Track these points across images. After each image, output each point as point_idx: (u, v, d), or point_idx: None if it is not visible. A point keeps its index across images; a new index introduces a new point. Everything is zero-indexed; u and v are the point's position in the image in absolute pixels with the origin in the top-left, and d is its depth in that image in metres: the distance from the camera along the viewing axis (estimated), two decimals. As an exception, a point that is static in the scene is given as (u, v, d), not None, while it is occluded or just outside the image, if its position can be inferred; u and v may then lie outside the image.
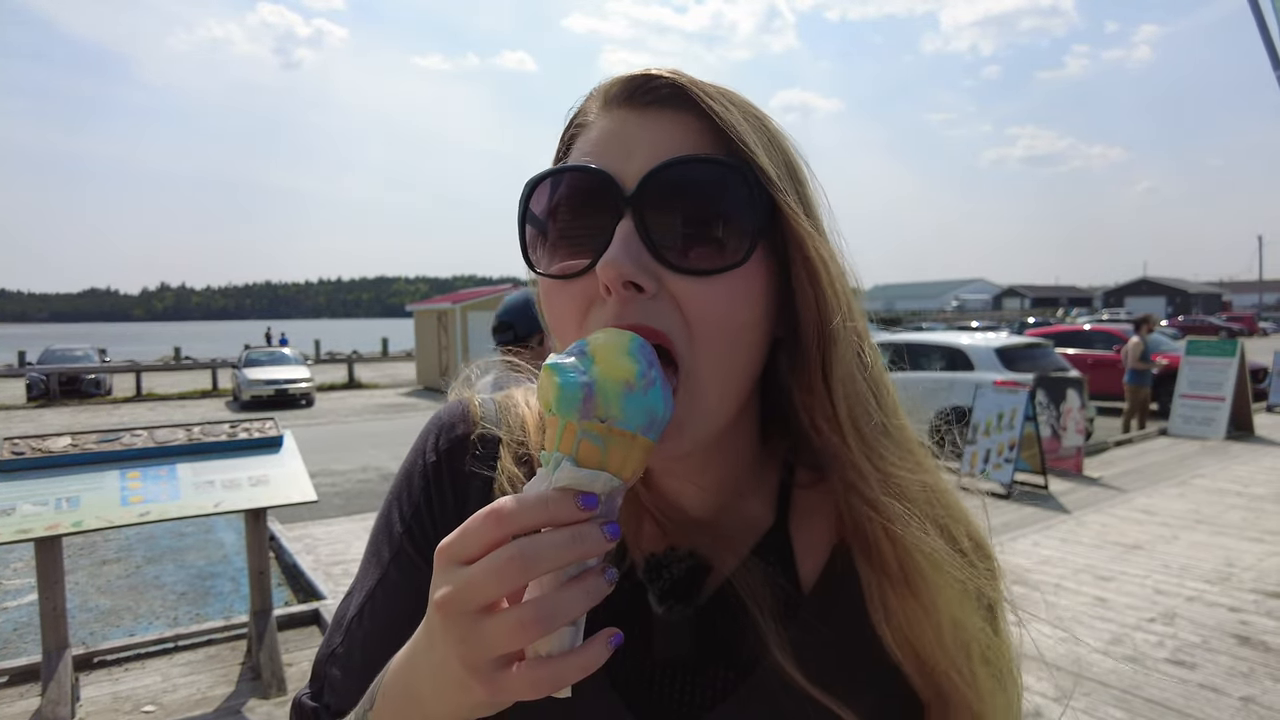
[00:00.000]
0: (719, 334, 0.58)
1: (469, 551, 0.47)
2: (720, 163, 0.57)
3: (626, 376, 0.52)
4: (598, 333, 0.55)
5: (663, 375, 0.54)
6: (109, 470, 4.34)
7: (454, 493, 0.72)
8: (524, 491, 0.50)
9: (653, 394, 0.53)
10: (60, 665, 4.01)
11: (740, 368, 0.60)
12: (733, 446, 0.68)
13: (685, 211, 0.57)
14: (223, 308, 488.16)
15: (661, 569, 0.64)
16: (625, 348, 0.53)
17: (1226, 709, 3.92)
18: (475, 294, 24.56)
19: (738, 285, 0.58)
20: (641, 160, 0.58)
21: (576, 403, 0.51)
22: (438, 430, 0.75)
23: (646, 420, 0.53)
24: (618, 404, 0.52)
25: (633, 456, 0.53)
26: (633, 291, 0.56)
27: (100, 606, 6.31)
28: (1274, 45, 3.70)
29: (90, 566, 7.31)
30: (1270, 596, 5.39)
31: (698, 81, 0.60)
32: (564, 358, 0.53)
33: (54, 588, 4.06)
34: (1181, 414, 11.82)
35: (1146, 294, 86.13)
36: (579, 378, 0.52)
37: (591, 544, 0.47)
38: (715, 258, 0.57)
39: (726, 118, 0.58)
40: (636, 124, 0.60)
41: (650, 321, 0.56)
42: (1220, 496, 8.07)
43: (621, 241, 0.56)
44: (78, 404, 22.38)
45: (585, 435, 0.51)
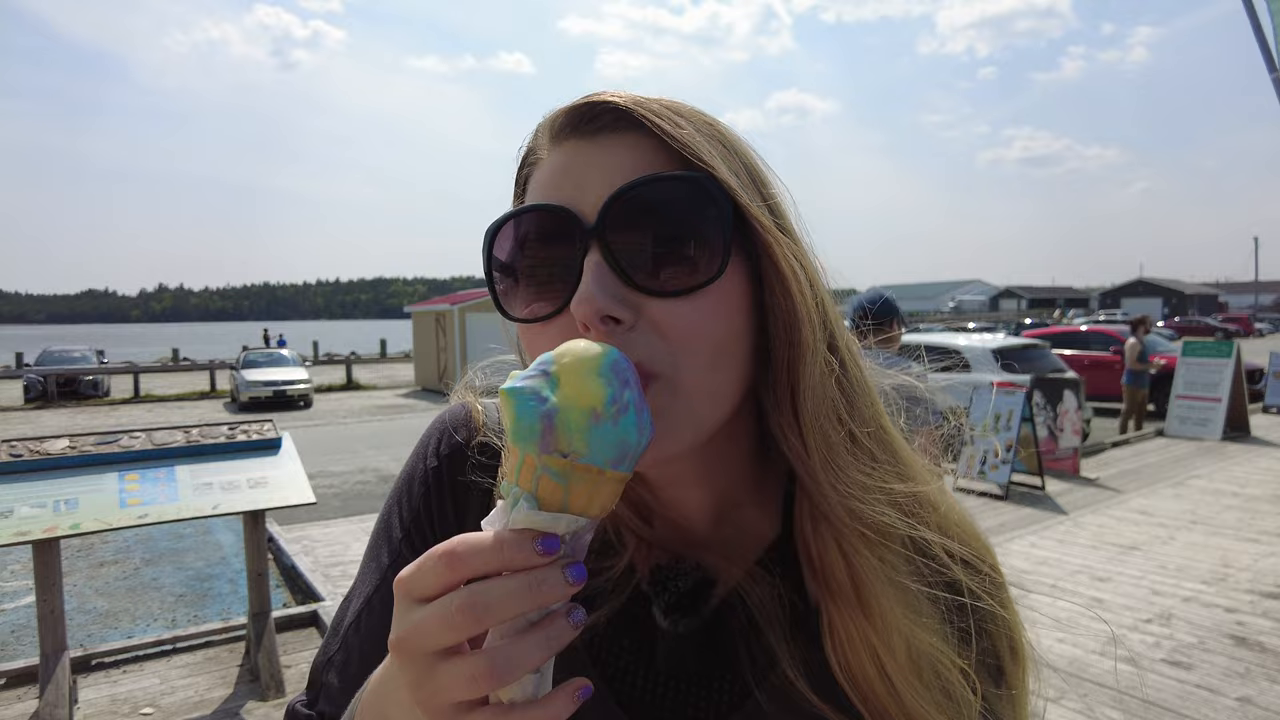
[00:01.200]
0: (702, 351, 0.56)
1: (424, 590, 0.45)
2: (679, 178, 0.56)
3: (593, 404, 0.47)
4: (568, 344, 0.50)
5: (640, 395, 0.50)
6: (107, 472, 4.33)
7: (454, 499, 0.72)
8: (484, 524, 0.47)
9: (625, 422, 0.48)
10: (58, 667, 4.01)
11: (727, 379, 0.59)
12: (732, 455, 0.67)
13: (651, 233, 0.56)
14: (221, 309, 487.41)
15: (667, 581, 0.64)
16: (595, 366, 0.48)
17: (1223, 709, 3.93)
18: (473, 295, 24.55)
19: (716, 300, 0.56)
20: (597, 189, 0.56)
21: (534, 435, 0.46)
22: (439, 434, 0.75)
23: (616, 453, 0.47)
24: (582, 437, 0.46)
25: (601, 493, 0.48)
26: (611, 325, 0.54)
27: (98, 608, 6.30)
28: (1269, 48, 3.72)
29: (88, 568, 7.30)
30: (1266, 597, 5.40)
31: (642, 100, 0.59)
32: (524, 379, 0.48)
33: (52, 590, 4.06)
34: (1178, 415, 11.84)
35: (1143, 295, 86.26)
36: (538, 406, 0.47)
37: (551, 591, 0.44)
38: (689, 275, 0.55)
39: (677, 134, 0.57)
40: (587, 153, 0.58)
41: (631, 352, 0.53)
42: (1216, 497, 8.09)
43: (592, 275, 0.54)
44: (75, 405, 22.34)
45: (546, 471, 0.46)
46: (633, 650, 0.65)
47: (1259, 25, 3.72)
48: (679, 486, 0.66)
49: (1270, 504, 7.77)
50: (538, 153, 0.63)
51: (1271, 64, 3.72)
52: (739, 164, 0.60)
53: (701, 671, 0.64)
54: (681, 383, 0.56)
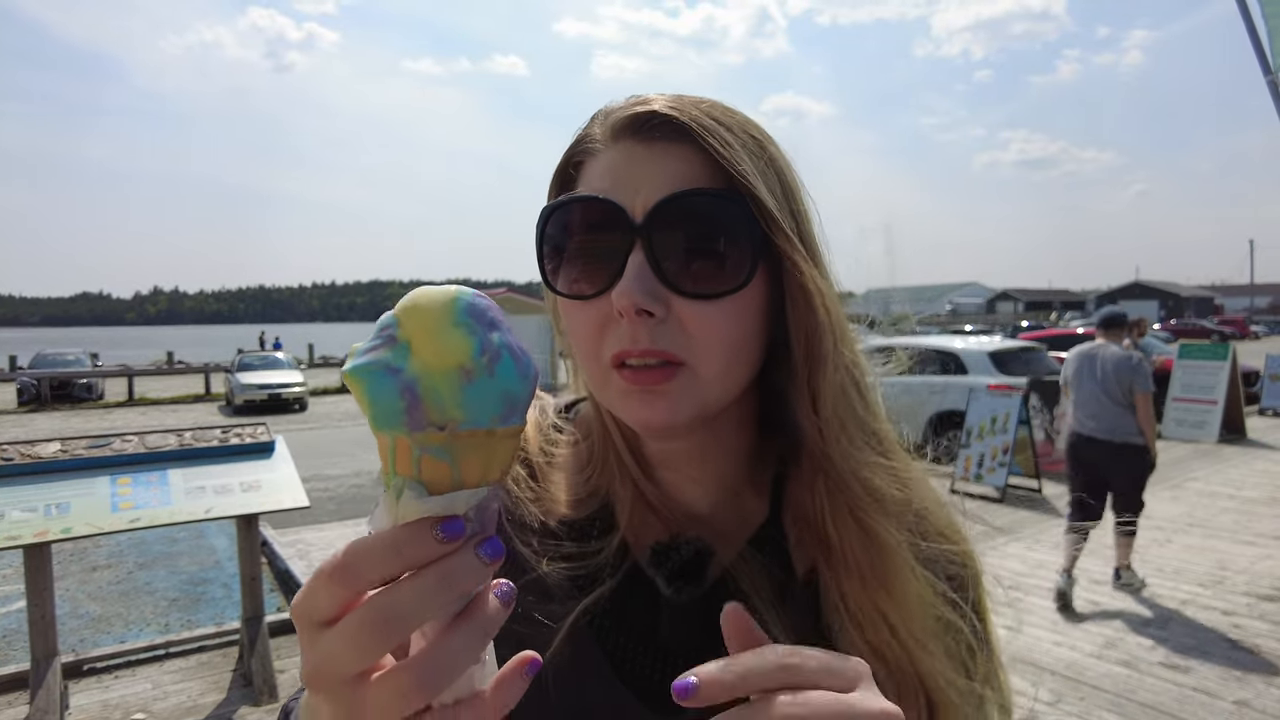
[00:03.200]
0: (721, 348, 0.63)
1: (323, 614, 0.41)
2: (720, 195, 0.62)
3: (460, 360, 0.41)
4: (411, 296, 0.44)
5: (508, 331, 0.44)
6: (99, 476, 4.31)
7: None
8: (368, 524, 0.43)
9: (502, 369, 0.42)
10: (49, 673, 3.98)
11: (739, 372, 0.66)
12: (729, 441, 0.72)
13: (689, 240, 0.62)
14: (216, 312, 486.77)
15: (669, 553, 0.67)
16: (449, 316, 0.42)
17: (1220, 713, 3.92)
18: (469, 298, 24.56)
19: (738, 305, 0.63)
20: (648, 193, 0.62)
21: (399, 415, 0.40)
22: None
23: (504, 406, 0.42)
24: (455, 401, 0.41)
25: (497, 455, 0.43)
26: (645, 317, 0.60)
27: (90, 613, 6.26)
28: (1264, 51, 3.72)
29: (80, 572, 7.25)
30: (1263, 600, 5.40)
31: (699, 115, 0.64)
32: (367, 352, 0.42)
33: (43, 594, 4.03)
34: (1174, 417, 11.86)
35: (1139, 297, 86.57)
36: (393, 380, 0.41)
37: (466, 577, 0.41)
38: (717, 282, 0.62)
39: (726, 153, 0.62)
40: (642, 157, 0.64)
41: (660, 343, 0.61)
42: (1213, 500, 8.10)
43: (634, 271, 0.60)
44: (69, 409, 22.26)
45: (425, 451, 0.41)
46: (635, 628, 0.67)
47: (1254, 28, 3.72)
48: (679, 469, 0.72)
49: (1266, 507, 7.78)
50: (593, 141, 0.68)
51: (1266, 67, 3.73)
52: (775, 181, 0.65)
53: (703, 645, 0.65)
54: (700, 373, 0.63)
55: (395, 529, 0.41)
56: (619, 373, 0.63)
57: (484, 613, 0.42)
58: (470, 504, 0.42)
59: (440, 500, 0.41)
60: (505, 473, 0.45)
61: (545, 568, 0.67)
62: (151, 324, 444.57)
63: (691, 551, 0.66)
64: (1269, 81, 3.76)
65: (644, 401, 0.63)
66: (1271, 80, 3.75)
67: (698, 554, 0.66)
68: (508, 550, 0.68)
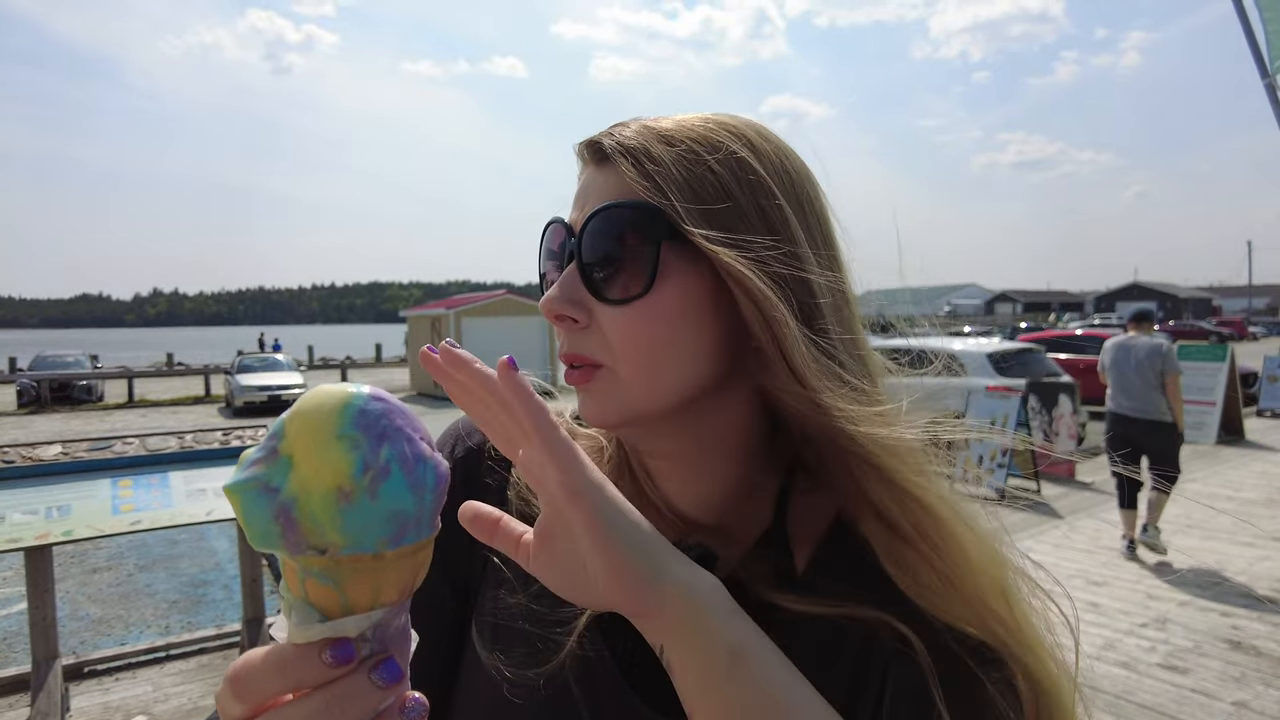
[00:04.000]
0: (635, 350, 0.64)
1: (230, 718, 0.41)
2: (624, 206, 0.65)
3: (338, 480, 0.38)
4: (305, 398, 0.41)
5: (411, 441, 0.41)
6: (100, 478, 4.31)
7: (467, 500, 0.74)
8: (273, 633, 0.42)
9: (388, 490, 0.39)
10: (50, 675, 3.98)
11: (669, 375, 0.65)
12: (728, 450, 0.72)
13: (605, 249, 0.65)
14: (216, 313, 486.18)
15: None
16: (333, 428, 0.39)
17: (1219, 714, 3.93)
18: (469, 299, 24.54)
19: (653, 309, 0.64)
20: (589, 210, 0.66)
21: (274, 538, 0.38)
22: (454, 439, 0.80)
23: (392, 529, 0.39)
24: (333, 525, 0.38)
25: (390, 577, 0.40)
26: (569, 323, 0.65)
27: (91, 615, 6.27)
28: (1261, 52, 3.73)
29: (81, 575, 7.26)
30: (1262, 600, 5.41)
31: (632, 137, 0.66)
32: (250, 465, 0.39)
33: (44, 597, 4.03)
34: (1173, 418, 11.86)
35: (1137, 299, 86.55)
36: (268, 501, 0.38)
37: (355, 704, 0.39)
38: (624, 289, 0.64)
39: (638, 170, 0.65)
40: (593, 178, 0.69)
41: (581, 349, 0.65)
42: (1211, 501, 8.12)
43: (561, 280, 0.65)
44: (69, 411, 22.24)
45: (308, 574, 0.39)
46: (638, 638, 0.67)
47: (1251, 30, 3.73)
48: (675, 473, 0.72)
49: (1265, 508, 7.80)
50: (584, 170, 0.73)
51: (1263, 68, 3.74)
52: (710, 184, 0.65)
53: None
54: (620, 374, 0.64)
55: (285, 648, 0.40)
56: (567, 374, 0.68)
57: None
58: (363, 627, 0.40)
59: (329, 626, 0.39)
60: (407, 591, 0.43)
61: None
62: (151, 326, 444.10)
63: (695, 556, 0.65)
64: (1266, 84, 3.77)
65: (580, 399, 0.67)
66: (1269, 83, 3.76)
67: (701, 559, 0.65)
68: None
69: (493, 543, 0.57)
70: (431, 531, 0.42)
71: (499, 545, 0.57)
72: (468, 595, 0.74)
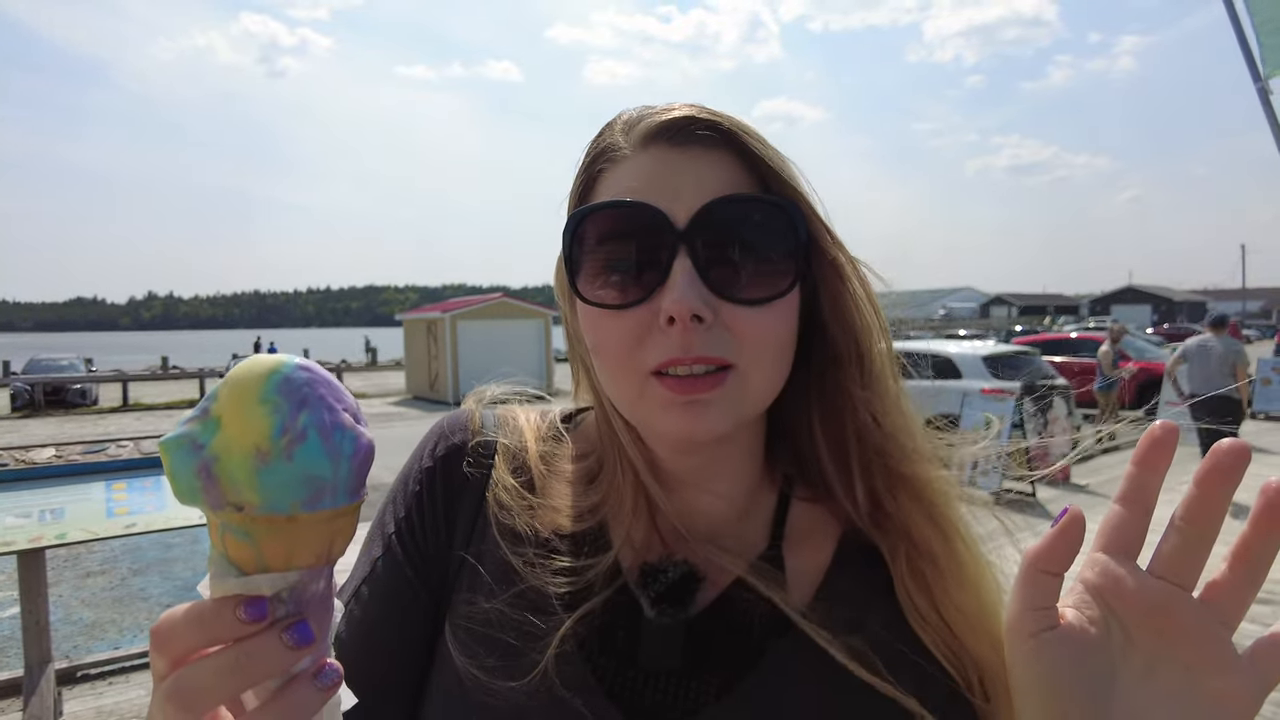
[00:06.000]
0: (768, 351, 0.63)
1: (156, 674, 0.42)
2: (768, 201, 0.62)
3: (256, 441, 0.39)
4: (237, 366, 0.42)
5: (331, 411, 0.42)
6: (94, 481, 4.30)
7: (445, 500, 0.74)
8: (199, 589, 0.43)
9: (304, 453, 0.40)
10: (43, 680, 3.96)
11: (780, 374, 0.65)
12: (743, 460, 0.72)
13: (735, 245, 0.61)
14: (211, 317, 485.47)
15: (656, 575, 0.66)
16: (257, 391, 0.40)
17: (1213, 715, 3.94)
18: (465, 303, 24.54)
19: (783, 309, 0.63)
20: (689, 199, 0.61)
21: (196, 492, 0.40)
22: (437, 438, 0.79)
23: (307, 492, 0.40)
24: (249, 484, 0.39)
25: (305, 539, 0.41)
26: (696, 323, 0.59)
27: (84, 619, 6.24)
28: (1253, 57, 3.75)
29: (75, 579, 7.22)
30: (1255, 602, 5.42)
31: (737, 122, 0.64)
32: (184, 423, 0.41)
33: (37, 601, 4.02)
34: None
35: (1132, 302, 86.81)
36: (193, 457, 0.39)
37: (265, 662, 0.40)
38: (764, 288, 0.61)
39: (766, 156, 0.63)
40: (679, 163, 0.62)
41: (712, 350, 0.60)
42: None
43: (685, 277, 0.59)
44: (63, 414, 22.17)
45: (228, 529, 0.40)
46: (625, 646, 0.67)
47: (1243, 34, 3.75)
48: (696, 488, 0.71)
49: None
50: (617, 149, 0.66)
51: (1256, 73, 3.76)
52: (810, 187, 0.66)
53: (689, 666, 0.66)
54: (750, 375, 0.62)
55: (204, 603, 0.41)
56: (660, 382, 0.61)
57: (296, 696, 0.41)
58: (278, 587, 0.40)
59: (243, 581, 0.40)
60: (323, 558, 0.43)
61: (535, 580, 0.67)
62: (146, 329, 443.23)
63: (678, 575, 0.65)
64: (1258, 88, 3.79)
65: (687, 413, 0.61)
66: (1261, 87, 3.78)
67: (684, 578, 0.65)
68: (499, 560, 0.69)
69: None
70: (350, 500, 0.43)
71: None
72: (442, 594, 0.72)
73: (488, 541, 0.71)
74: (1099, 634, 0.49)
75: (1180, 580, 0.47)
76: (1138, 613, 0.48)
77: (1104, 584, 0.49)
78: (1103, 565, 0.49)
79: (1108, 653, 0.49)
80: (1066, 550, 0.48)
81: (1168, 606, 0.47)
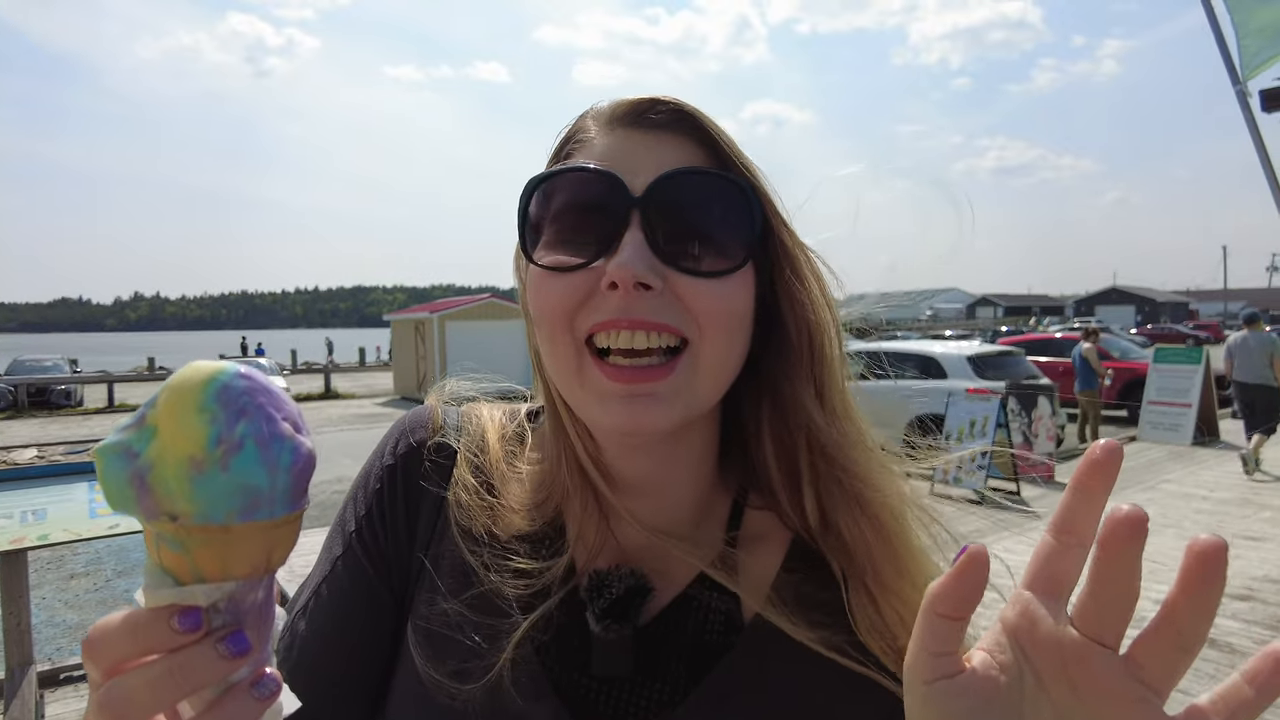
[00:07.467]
0: (720, 326, 0.61)
1: (93, 684, 0.42)
2: (724, 177, 0.62)
3: (191, 450, 0.38)
4: (175, 374, 0.41)
5: (269, 420, 0.41)
6: (77, 482, 4.26)
7: (406, 498, 0.73)
8: (136, 596, 0.43)
9: (240, 464, 0.39)
10: (24, 682, 3.93)
11: (733, 360, 0.64)
12: (694, 464, 0.71)
13: (690, 216, 0.61)
14: (198, 318, 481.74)
15: (602, 587, 0.65)
16: (195, 400, 0.39)
17: (1192, 710, 3.98)
18: (453, 303, 24.46)
19: (735, 284, 0.61)
20: (648, 172, 0.61)
21: (129, 501, 0.39)
22: (398, 435, 0.77)
23: (243, 502, 0.39)
24: (183, 493, 0.39)
25: (241, 551, 0.40)
26: (641, 290, 0.58)
27: (68, 621, 6.19)
28: (1233, 62, 3.80)
29: (58, 580, 7.16)
30: (1235, 599, 5.49)
31: (698, 109, 0.64)
32: (119, 431, 0.40)
33: (19, 602, 3.98)
34: (1149, 420, 12.02)
35: (1116, 303, 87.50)
36: (126, 465, 0.39)
37: (200, 672, 0.40)
38: (718, 262, 0.61)
39: (724, 141, 0.63)
40: (640, 143, 0.63)
41: (658, 316, 0.59)
42: (1187, 501, 8.22)
43: (632, 244, 0.58)
44: (47, 415, 21.96)
45: (162, 539, 0.40)
46: (574, 650, 0.66)
47: (1223, 38, 3.80)
48: (643, 491, 0.69)
49: (1238, 507, 7.91)
50: (585, 132, 0.67)
51: (1235, 77, 3.80)
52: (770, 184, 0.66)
53: (640, 675, 0.65)
54: (700, 354, 0.61)
55: (139, 612, 0.41)
56: (599, 368, 0.60)
57: (234, 706, 0.41)
58: (214, 597, 0.40)
59: (177, 591, 0.40)
60: (260, 568, 0.42)
61: (493, 582, 0.66)
62: (132, 330, 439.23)
63: (623, 589, 0.64)
64: (1238, 91, 3.84)
65: (630, 406, 0.59)
66: (1241, 89, 3.82)
67: (629, 591, 0.64)
68: (458, 561, 0.68)
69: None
70: (289, 510, 0.42)
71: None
72: (404, 592, 0.71)
73: (447, 541, 0.70)
74: (1007, 682, 0.42)
75: (1100, 637, 0.40)
76: (1052, 663, 0.41)
77: (1020, 625, 0.42)
78: (1023, 605, 0.42)
79: (1015, 704, 0.42)
80: (966, 594, 0.42)
81: (1085, 661, 0.40)
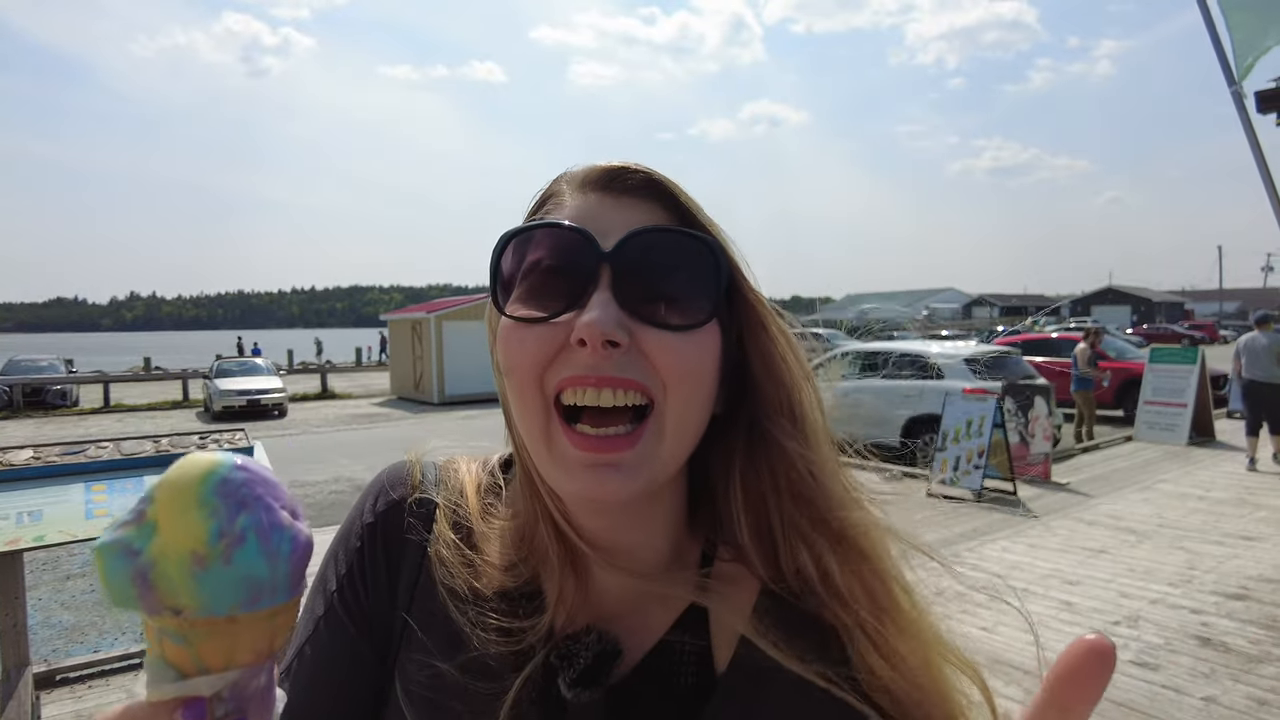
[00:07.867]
0: (685, 383, 0.62)
1: None
2: (693, 235, 0.64)
3: (193, 545, 0.39)
4: (173, 467, 0.42)
5: (268, 510, 0.42)
6: (73, 483, 4.25)
7: (386, 556, 0.73)
8: (143, 687, 0.43)
9: (243, 556, 0.40)
10: (20, 683, 3.93)
11: (696, 420, 0.65)
12: (664, 519, 0.71)
13: (658, 272, 0.62)
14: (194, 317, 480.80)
15: (571, 655, 0.64)
16: (195, 495, 0.40)
17: (1189, 709, 4.00)
18: (450, 303, 24.43)
19: (700, 340, 0.62)
20: (617, 234, 0.62)
21: (131, 599, 0.39)
22: (377, 492, 0.76)
23: (245, 594, 0.40)
24: (186, 589, 0.39)
25: (245, 639, 0.41)
26: (609, 348, 0.59)
27: (63, 622, 6.17)
28: (1228, 61, 3.81)
29: (54, 581, 7.15)
30: (1230, 598, 5.51)
31: (667, 176, 0.66)
32: (118, 528, 0.41)
33: (14, 603, 3.98)
34: (1145, 420, 12.05)
35: (1112, 302, 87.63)
36: (128, 564, 0.39)
37: None
38: (685, 316, 0.62)
39: (697, 209, 0.66)
40: (611, 206, 0.65)
41: (624, 372, 0.59)
42: (1182, 501, 8.24)
43: (601, 300, 0.59)
44: (43, 416, 21.91)
45: (164, 634, 0.40)
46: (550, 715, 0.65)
47: (1218, 39, 3.81)
48: (615, 550, 0.68)
49: (1234, 507, 7.93)
50: (560, 195, 0.68)
51: (1231, 77, 3.81)
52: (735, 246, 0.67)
53: None
54: (666, 414, 0.61)
55: (140, 706, 0.41)
56: (568, 436, 0.60)
57: None
58: (217, 687, 0.41)
59: (180, 684, 0.40)
60: (262, 654, 0.43)
61: (479, 641, 0.65)
62: (128, 330, 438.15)
63: (591, 655, 0.63)
64: (1233, 92, 3.85)
65: (595, 475, 0.60)
66: (1236, 90, 3.83)
67: (598, 657, 0.64)
68: (443, 619, 0.67)
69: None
70: (290, 596, 0.43)
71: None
72: (387, 651, 0.70)
73: (430, 599, 0.69)
74: None
75: None
76: None
77: None
78: None
79: None
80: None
81: None
